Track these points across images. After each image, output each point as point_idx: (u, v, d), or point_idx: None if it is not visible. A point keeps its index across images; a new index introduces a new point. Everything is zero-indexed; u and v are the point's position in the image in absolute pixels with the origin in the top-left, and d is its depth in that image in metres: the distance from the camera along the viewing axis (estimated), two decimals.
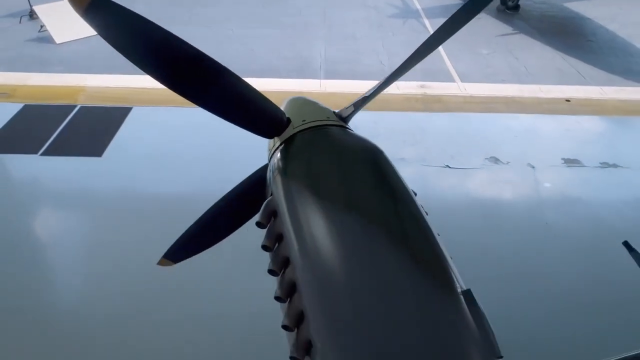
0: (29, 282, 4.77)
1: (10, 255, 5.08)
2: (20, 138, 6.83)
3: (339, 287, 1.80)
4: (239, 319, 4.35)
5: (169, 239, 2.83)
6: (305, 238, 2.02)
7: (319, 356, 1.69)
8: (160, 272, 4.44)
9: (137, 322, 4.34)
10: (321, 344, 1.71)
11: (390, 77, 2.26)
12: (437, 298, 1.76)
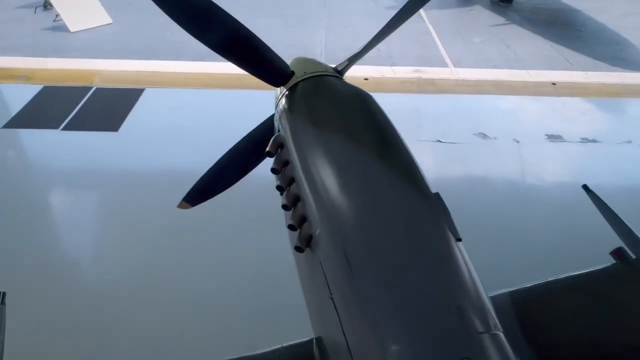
0: (50, 243, 5.19)
1: (35, 219, 5.52)
2: (41, 115, 7.27)
3: (333, 193, 2.27)
4: (249, 263, 4.78)
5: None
6: (307, 160, 2.50)
7: (318, 242, 2.16)
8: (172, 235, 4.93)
9: (152, 278, 4.73)
10: (319, 232, 2.17)
11: (377, 36, 2.79)
12: (411, 196, 2.25)
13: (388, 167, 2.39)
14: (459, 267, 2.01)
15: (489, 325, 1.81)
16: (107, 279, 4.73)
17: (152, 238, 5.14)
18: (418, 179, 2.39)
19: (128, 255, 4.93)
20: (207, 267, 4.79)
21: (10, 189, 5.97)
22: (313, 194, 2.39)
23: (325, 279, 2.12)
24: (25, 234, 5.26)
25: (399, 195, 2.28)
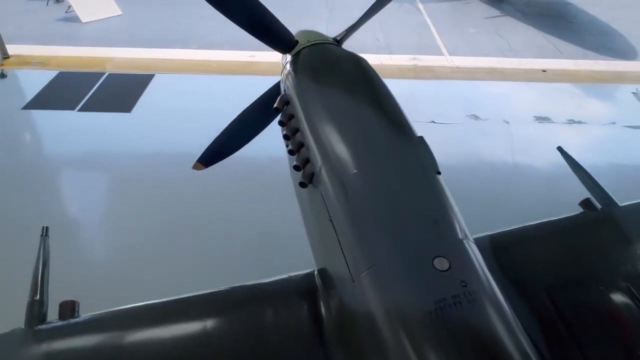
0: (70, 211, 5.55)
1: (55, 192, 5.88)
2: (58, 97, 7.63)
3: (332, 137, 2.64)
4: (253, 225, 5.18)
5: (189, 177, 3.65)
6: (310, 113, 2.87)
7: (319, 176, 2.51)
8: (181, 204, 5.30)
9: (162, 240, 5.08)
10: (320, 168, 2.53)
11: (372, 9, 3.18)
12: (399, 137, 2.60)
13: (379, 115, 2.75)
14: (437, 191, 2.37)
15: (461, 235, 2.16)
16: (124, 242, 5.09)
17: (163, 207, 5.51)
18: (405, 125, 2.75)
19: (142, 222, 5.29)
20: (215, 229, 5.16)
21: (31, 165, 6.33)
22: (315, 139, 2.75)
23: (325, 206, 2.47)
24: (47, 204, 5.62)
25: (388, 137, 2.64)
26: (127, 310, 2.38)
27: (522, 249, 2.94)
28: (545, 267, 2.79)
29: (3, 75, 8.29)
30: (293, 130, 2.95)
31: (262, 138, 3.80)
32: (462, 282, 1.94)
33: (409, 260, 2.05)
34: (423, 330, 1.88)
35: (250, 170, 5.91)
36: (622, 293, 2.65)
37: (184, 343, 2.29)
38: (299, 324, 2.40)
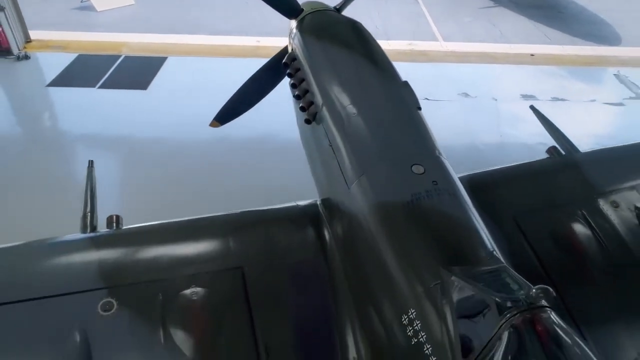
0: None
1: (78, 159, 6.38)
2: (79, 76, 8.15)
3: (332, 83, 3.15)
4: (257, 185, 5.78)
5: (200, 145, 4.15)
6: (314, 65, 3.39)
7: (322, 114, 3.00)
8: (192, 170, 5.81)
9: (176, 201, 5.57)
10: (323, 107, 3.02)
11: None
12: (387, 80, 3.09)
13: (370, 64, 3.27)
14: (416, 120, 2.89)
15: (436, 152, 2.66)
16: (140, 206, 5.57)
17: (176, 173, 6.01)
18: (392, 71, 3.27)
19: (157, 185, 5.78)
20: (224, 193, 5.64)
21: (57, 134, 6.87)
22: (317, 85, 3.26)
23: (326, 135, 2.98)
24: (72, 166, 6.14)
25: (377, 80, 3.16)
26: (161, 223, 2.89)
27: (495, 183, 3.47)
28: (515, 198, 3.32)
29: (27, 56, 8.78)
30: (299, 79, 3.46)
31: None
32: (434, 182, 2.45)
33: (392, 167, 2.56)
34: (402, 217, 2.39)
35: (253, 140, 6.49)
36: (577, 218, 3.17)
37: (208, 253, 2.79)
38: (304, 237, 2.92)
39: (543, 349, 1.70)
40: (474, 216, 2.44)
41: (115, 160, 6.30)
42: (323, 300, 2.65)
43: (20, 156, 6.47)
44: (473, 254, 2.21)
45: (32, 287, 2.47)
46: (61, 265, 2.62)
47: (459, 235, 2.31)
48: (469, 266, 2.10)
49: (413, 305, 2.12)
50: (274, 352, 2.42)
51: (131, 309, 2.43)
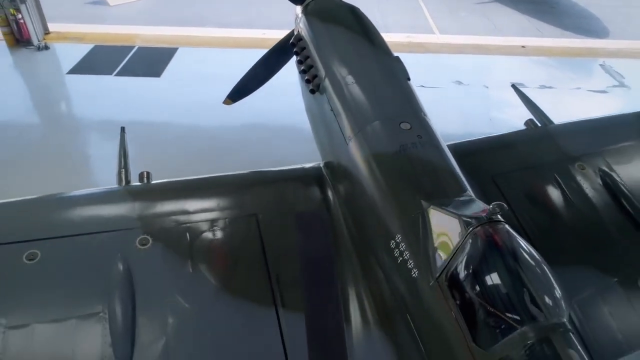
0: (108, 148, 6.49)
1: (99, 138, 6.83)
2: (97, 65, 8.61)
3: (333, 58, 3.57)
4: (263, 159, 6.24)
5: (212, 125, 4.59)
6: (318, 43, 3.81)
7: (325, 84, 3.42)
8: (204, 148, 6.25)
9: None
10: (326, 78, 3.43)
11: None
12: (380, 55, 3.50)
13: (366, 42, 3.72)
14: (406, 88, 3.32)
15: (421, 113, 3.09)
16: None
17: (190, 150, 6.46)
18: (385, 48, 3.70)
19: (170, 163, 6.19)
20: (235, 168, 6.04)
21: (77, 119, 7.31)
22: (321, 60, 3.70)
23: (328, 102, 3.41)
24: (93, 143, 6.59)
25: (372, 55, 3.60)
26: (186, 179, 3.35)
27: (478, 149, 3.92)
28: (494, 161, 3.78)
29: (46, 47, 9.23)
30: (305, 57, 3.90)
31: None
32: (419, 136, 2.90)
33: (383, 125, 3.01)
34: (391, 163, 2.83)
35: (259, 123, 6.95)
36: (549, 179, 3.62)
37: (227, 202, 3.23)
38: (309, 191, 3.38)
39: (499, 252, 2.14)
40: (452, 163, 2.89)
41: (132, 140, 6.65)
42: (325, 239, 3.10)
43: (44, 138, 6.95)
44: (449, 190, 2.66)
45: (83, 224, 2.94)
46: (105, 209, 3.08)
47: (437, 176, 2.77)
48: (445, 199, 2.54)
49: (399, 232, 2.57)
50: (283, 281, 2.87)
51: (163, 245, 2.89)
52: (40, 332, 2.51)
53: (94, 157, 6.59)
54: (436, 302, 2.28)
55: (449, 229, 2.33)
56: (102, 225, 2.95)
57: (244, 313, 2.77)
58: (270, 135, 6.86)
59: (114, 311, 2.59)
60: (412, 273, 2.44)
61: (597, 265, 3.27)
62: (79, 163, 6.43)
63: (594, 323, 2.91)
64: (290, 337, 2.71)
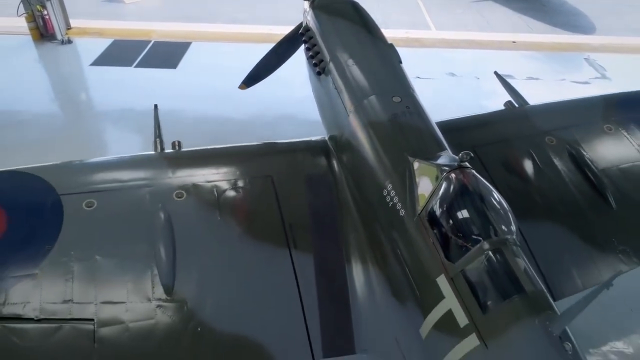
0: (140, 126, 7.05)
1: (121, 122, 7.39)
2: (117, 57, 9.20)
3: (337, 44, 4.12)
4: None
5: (224, 111, 5.20)
6: (322, 32, 4.39)
7: (329, 67, 3.97)
8: (217, 131, 6.81)
9: None
10: (330, 62, 3.99)
11: None
12: (376, 40, 4.07)
13: (364, 31, 4.29)
14: (398, 69, 3.89)
15: (410, 90, 3.64)
16: None
17: (205, 133, 6.99)
18: (381, 36, 4.26)
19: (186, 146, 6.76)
20: None
21: (101, 106, 7.91)
22: (326, 46, 4.28)
23: (332, 81, 3.96)
24: (118, 131, 7.16)
25: (370, 41, 4.16)
26: (212, 147, 3.91)
27: (461, 125, 4.45)
28: (475, 134, 4.33)
29: (69, 41, 9.81)
30: (312, 44, 4.46)
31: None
32: (407, 107, 3.46)
33: (378, 98, 3.57)
34: (383, 128, 3.39)
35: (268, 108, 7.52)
36: (523, 150, 4.18)
37: (247, 166, 3.79)
38: (316, 157, 3.93)
39: (466, 189, 2.71)
40: (434, 129, 3.47)
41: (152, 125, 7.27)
42: (329, 195, 3.69)
43: (70, 123, 7.56)
44: (430, 149, 3.23)
45: (129, 180, 3.52)
46: (146, 168, 3.67)
47: (421, 138, 3.35)
48: (427, 155, 3.11)
49: (390, 182, 3.14)
50: (295, 228, 3.44)
51: (195, 197, 3.47)
52: (99, 264, 3.10)
53: (116, 141, 7.14)
54: (418, 233, 2.85)
55: (429, 175, 2.90)
56: (145, 181, 3.54)
57: (264, 253, 3.35)
58: (275, 120, 7.42)
59: (158, 248, 3.17)
60: (400, 213, 3.01)
61: (559, 219, 3.86)
62: (101, 146, 7.02)
63: (550, 261, 3.48)
64: (301, 272, 3.29)
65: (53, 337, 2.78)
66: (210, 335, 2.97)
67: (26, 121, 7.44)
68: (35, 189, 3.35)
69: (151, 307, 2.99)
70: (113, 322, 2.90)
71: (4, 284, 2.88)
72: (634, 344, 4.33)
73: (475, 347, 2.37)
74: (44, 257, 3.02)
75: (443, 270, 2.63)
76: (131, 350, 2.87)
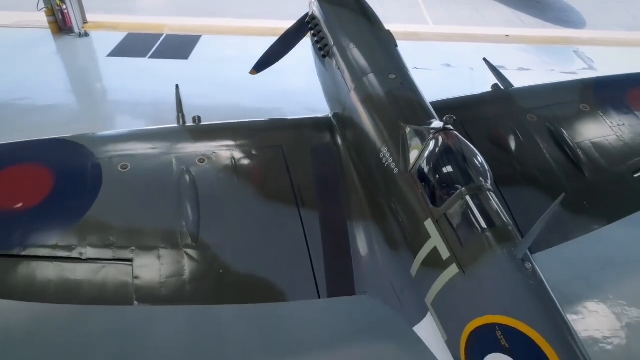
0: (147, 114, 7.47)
1: (137, 108, 7.83)
2: (132, 49, 9.66)
3: (340, 29, 4.60)
4: None
5: (233, 98, 5.70)
6: (328, 20, 4.81)
7: (333, 50, 4.42)
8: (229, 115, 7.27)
9: None
10: (333, 45, 4.43)
11: None
12: (374, 26, 4.50)
13: (364, 18, 4.71)
14: (394, 52, 4.35)
15: (405, 69, 4.07)
16: None
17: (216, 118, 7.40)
18: (380, 24, 4.70)
19: None
20: None
21: (119, 91, 8.38)
22: (330, 32, 4.71)
23: (335, 63, 4.39)
24: (134, 117, 7.60)
25: (368, 28, 4.61)
26: (230, 122, 4.33)
27: (453, 105, 4.88)
28: (464, 112, 4.76)
29: (87, 34, 10.27)
30: (318, 31, 4.89)
31: None
32: (402, 83, 3.91)
33: (376, 75, 4.01)
34: (380, 101, 3.82)
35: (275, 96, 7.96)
36: (506, 126, 4.60)
37: (260, 136, 4.22)
38: (321, 131, 4.37)
39: (449, 146, 3.16)
40: (425, 101, 3.91)
41: (165, 111, 7.69)
42: (333, 161, 4.12)
43: (90, 108, 7.99)
44: (421, 117, 3.66)
45: (158, 147, 3.95)
46: (172, 138, 4.12)
47: (413, 109, 3.80)
48: (418, 122, 3.55)
49: (386, 146, 3.58)
50: (303, 189, 3.88)
51: (215, 162, 3.92)
52: (134, 215, 3.55)
53: (133, 125, 7.58)
54: (409, 186, 3.30)
55: (418, 137, 3.35)
56: (171, 148, 4.00)
57: (276, 209, 3.80)
58: (281, 106, 7.86)
59: (184, 203, 3.63)
60: (394, 172, 3.46)
61: (537, 184, 4.32)
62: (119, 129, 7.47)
63: (528, 220, 3.92)
64: (308, 226, 3.74)
65: (98, 273, 3.23)
66: (231, 276, 3.42)
67: (46, 107, 7.93)
68: (77, 153, 3.81)
69: (180, 252, 3.44)
70: (148, 264, 3.35)
71: (55, 231, 3.33)
72: (604, 298, 4.77)
73: (456, 274, 2.82)
74: (87, 209, 3.47)
75: (430, 215, 3.08)
76: (163, 287, 3.32)
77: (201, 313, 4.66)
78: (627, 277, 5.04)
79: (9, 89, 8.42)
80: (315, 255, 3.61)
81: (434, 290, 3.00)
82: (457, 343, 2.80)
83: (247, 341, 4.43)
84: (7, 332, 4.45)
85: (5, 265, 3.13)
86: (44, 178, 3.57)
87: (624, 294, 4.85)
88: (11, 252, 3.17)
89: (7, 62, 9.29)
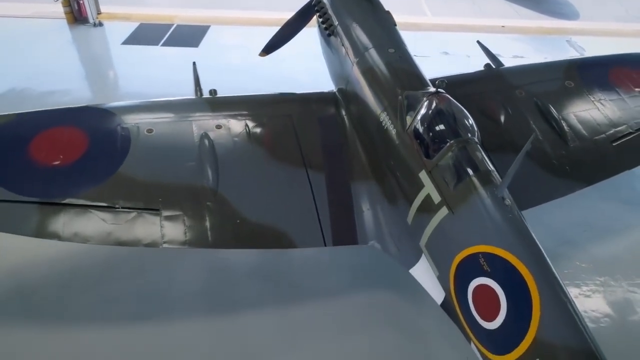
0: None
1: (150, 90, 8.17)
2: (145, 37, 10.04)
3: (343, 11, 4.92)
4: None
5: (243, 82, 6.12)
6: (333, 2, 5.13)
7: (337, 29, 4.79)
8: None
9: None
10: (338, 25, 4.81)
11: None
12: (377, 9, 4.89)
13: (370, 3, 5.02)
14: (393, 30, 4.71)
15: (403, 45, 4.44)
16: None
17: None
18: (381, 6, 5.05)
19: None
20: None
21: (134, 77, 8.75)
22: (334, 13, 5.08)
23: (340, 41, 4.76)
24: None
25: (369, 9, 4.98)
26: (240, 94, 4.71)
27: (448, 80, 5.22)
28: (458, 87, 5.09)
29: (101, 24, 10.64)
30: (323, 12, 5.24)
31: None
32: (400, 56, 4.30)
33: (376, 49, 4.38)
34: (381, 71, 4.19)
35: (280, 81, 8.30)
36: (497, 100, 4.96)
37: (272, 107, 4.59)
38: (327, 104, 4.74)
39: (441, 107, 3.53)
40: (420, 71, 4.27)
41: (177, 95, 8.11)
42: (337, 129, 4.50)
43: (105, 92, 8.36)
44: (416, 85, 4.03)
45: (180, 114, 4.33)
46: (192, 108, 4.49)
47: (410, 77, 4.18)
48: (414, 89, 3.92)
49: (385, 111, 3.95)
50: (311, 153, 4.26)
51: (231, 128, 4.28)
52: (160, 171, 3.93)
53: None
54: (406, 144, 3.67)
55: (414, 100, 3.72)
56: (191, 115, 4.38)
57: (286, 170, 4.18)
58: (286, 90, 8.14)
59: (204, 162, 4.01)
60: (392, 133, 3.83)
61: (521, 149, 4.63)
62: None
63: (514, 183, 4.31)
64: (315, 184, 4.13)
65: (131, 220, 3.62)
66: (247, 225, 3.81)
67: (63, 91, 8.25)
68: (107, 119, 4.20)
69: (201, 204, 3.82)
70: (173, 213, 3.73)
71: (92, 184, 3.72)
72: (587, 259, 5.13)
73: (446, 215, 3.20)
74: (118, 166, 3.86)
75: (423, 166, 3.45)
76: (187, 234, 3.70)
77: (216, 261, 5.03)
78: (607, 236, 5.42)
79: (28, 76, 8.78)
80: (322, 209, 3.99)
81: (427, 233, 3.38)
82: (446, 276, 3.18)
83: (258, 289, 4.75)
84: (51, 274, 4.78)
85: (50, 211, 3.51)
86: (79, 139, 3.96)
87: (604, 253, 5.23)
88: (53, 200, 3.56)
89: (27, 51, 9.66)
